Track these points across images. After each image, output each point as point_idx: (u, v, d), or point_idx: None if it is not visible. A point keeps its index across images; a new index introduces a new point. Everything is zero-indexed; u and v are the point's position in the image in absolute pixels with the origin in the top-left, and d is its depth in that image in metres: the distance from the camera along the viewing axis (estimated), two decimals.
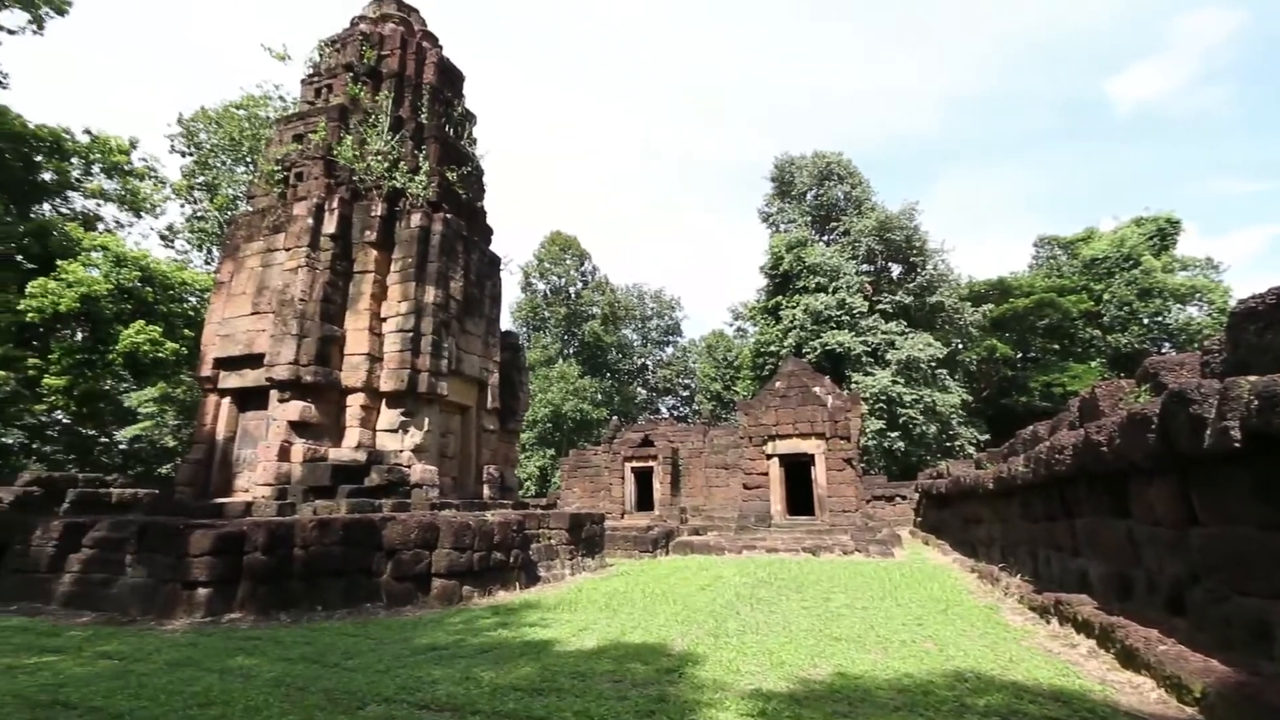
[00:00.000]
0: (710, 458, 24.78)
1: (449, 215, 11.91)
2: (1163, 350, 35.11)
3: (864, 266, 35.88)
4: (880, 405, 29.33)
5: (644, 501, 23.92)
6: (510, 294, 53.27)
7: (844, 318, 31.84)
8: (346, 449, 10.34)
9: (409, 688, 4.24)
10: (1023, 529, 8.64)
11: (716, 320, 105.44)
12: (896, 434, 29.37)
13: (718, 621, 6.57)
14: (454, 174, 12.72)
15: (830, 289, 32.61)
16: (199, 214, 29.58)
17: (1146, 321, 36.47)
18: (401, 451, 10.60)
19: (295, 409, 10.05)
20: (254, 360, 10.60)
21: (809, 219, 38.55)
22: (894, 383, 29.49)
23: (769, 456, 18.23)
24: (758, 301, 38.62)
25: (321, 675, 4.61)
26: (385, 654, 5.30)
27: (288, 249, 10.89)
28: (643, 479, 24.18)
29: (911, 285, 34.43)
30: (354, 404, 10.59)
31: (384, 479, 10.03)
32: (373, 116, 12.33)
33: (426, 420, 10.96)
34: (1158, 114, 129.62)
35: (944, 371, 32.10)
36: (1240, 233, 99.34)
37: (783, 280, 34.97)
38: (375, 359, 10.74)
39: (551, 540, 11.34)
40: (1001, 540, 10.00)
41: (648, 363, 54.99)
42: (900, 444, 29.38)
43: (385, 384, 10.65)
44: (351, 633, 6.24)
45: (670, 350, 55.84)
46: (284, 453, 9.85)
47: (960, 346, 35.57)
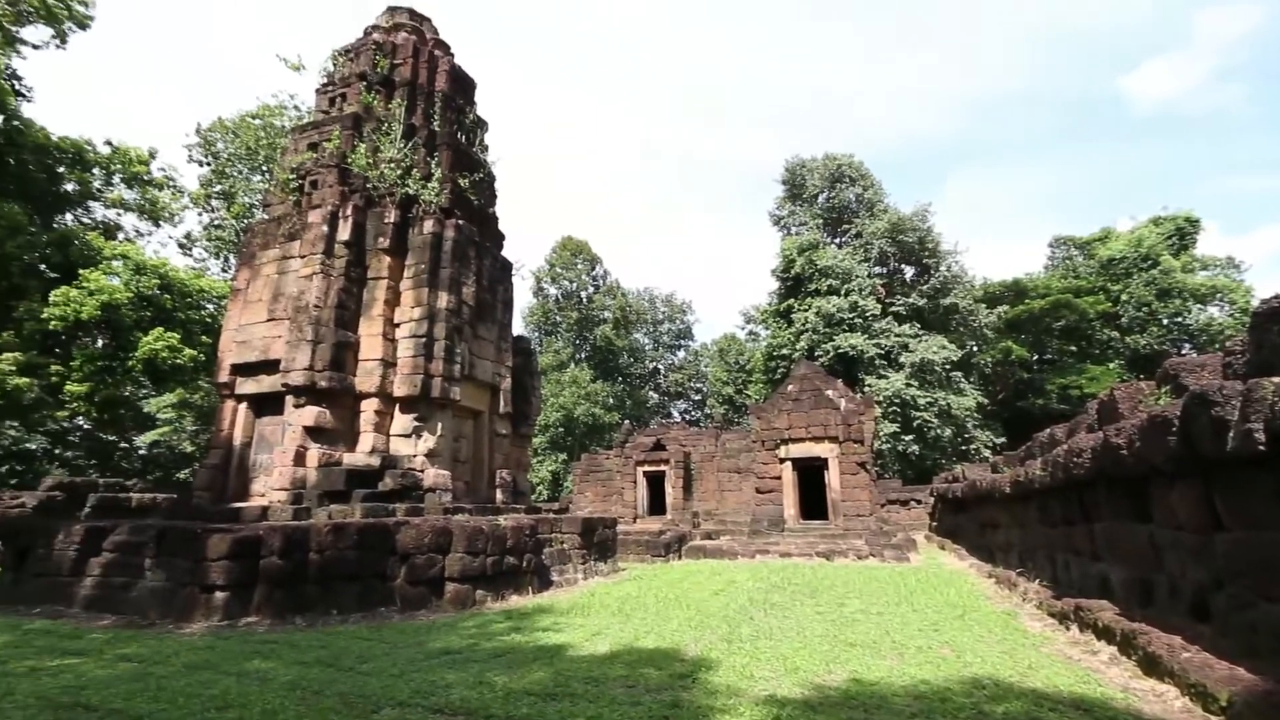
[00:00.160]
0: (722, 462, 24.68)
1: (461, 221, 11.99)
2: (1183, 351, 34.51)
3: (876, 269, 35.68)
4: (894, 408, 29.10)
5: (656, 506, 23.87)
6: (522, 299, 53.63)
7: (856, 320, 31.65)
8: (361, 454, 10.42)
9: (423, 692, 4.25)
10: (1040, 533, 8.52)
11: (726, 323, 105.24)
12: (911, 437, 29.11)
13: (731, 627, 6.54)
14: (466, 180, 12.81)
15: (842, 291, 32.44)
16: (216, 222, 30.02)
17: (1166, 322, 35.90)
18: (415, 456, 10.66)
19: (310, 414, 10.14)
20: (270, 366, 10.72)
21: (820, 222, 38.40)
22: (908, 385, 29.25)
23: (782, 460, 18.13)
24: (769, 304, 38.50)
25: (336, 679, 4.64)
26: (399, 658, 5.32)
27: (303, 256, 11.02)
28: (655, 483, 24.14)
29: (925, 287, 34.17)
30: (368, 409, 10.67)
31: (397, 483, 10.09)
32: (386, 124, 12.46)
33: (439, 425, 11.02)
34: (1175, 111, 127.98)
35: (959, 374, 31.80)
36: (1263, 231, 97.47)
37: (795, 283, 34.85)
38: (389, 364, 10.82)
39: (564, 545, 11.34)
40: (1019, 545, 9.87)
41: (659, 367, 54.96)
42: (915, 447, 29.12)
43: (399, 389, 10.72)
44: (366, 636, 6.28)
45: (682, 354, 55.81)
46: (299, 457, 9.94)
47: (975, 349, 35.23)
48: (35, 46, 23.17)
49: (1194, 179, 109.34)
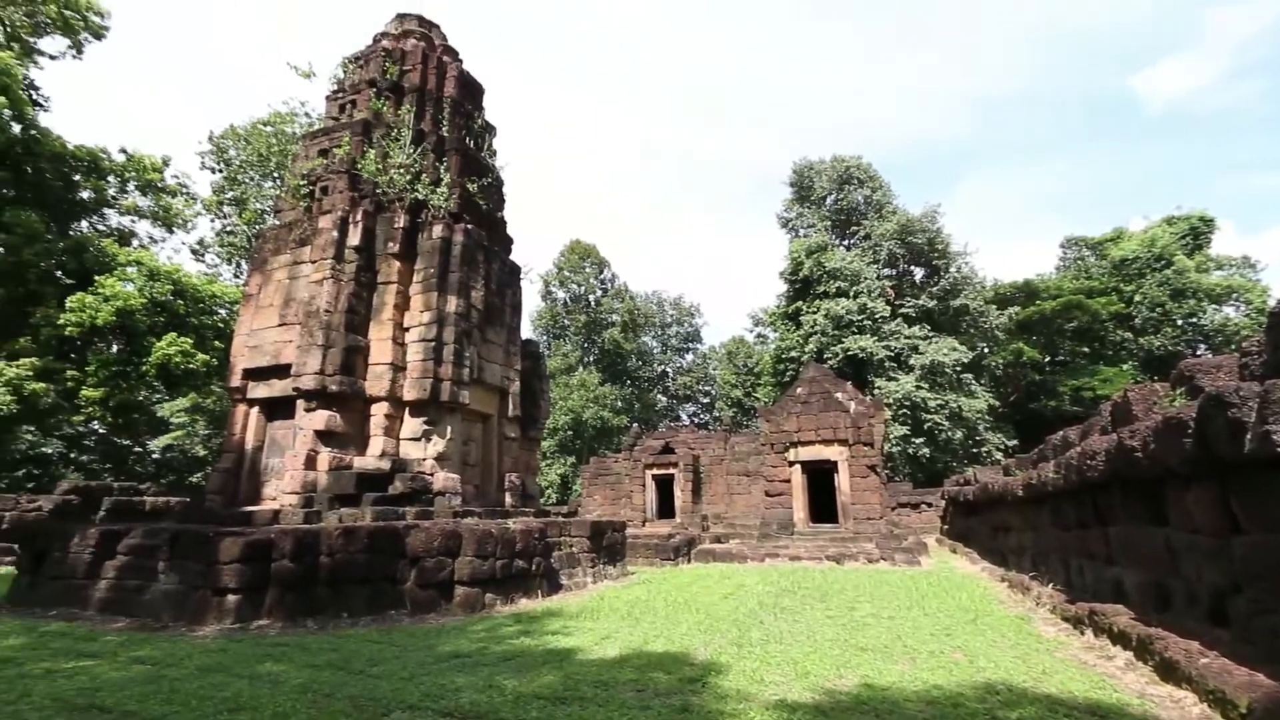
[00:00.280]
0: (731, 465, 24.61)
1: (470, 226, 12.05)
2: (1198, 353, 34.07)
3: (885, 270, 35.48)
4: (904, 411, 28.90)
5: (665, 509, 23.83)
6: (530, 302, 53.74)
7: (866, 322, 31.49)
8: (371, 457, 10.48)
9: (433, 695, 4.26)
10: (1054, 537, 8.42)
11: (732, 326, 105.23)
12: (921, 440, 28.90)
13: (741, 630, 6.51)
14: (474, 185, 12.89)
15: (851, 293, 32.29)
16: (228, 228, 30.37)
17: (1180, 323, 35.47)
18: (424, 460, 10.71)
19: (321, 418, 10.21)
20: (281, 371, 10.81)
21: (829, 224, 38.26)
22: (918, 388, 29.05)
23: (791, 463, 18.05)
24: (778, 307, 38.39)
25: (347, 682, 4.66)
26: (409, 661, 5.34)
27: (313, 261, 11.11)
28: (664, 486, 24.10)
29: (934, 289, 33.94)
30: (378, 413, 10.73)
31: (407, 487, 10.14)
32: (395, 130, 12.56)
33: (449, 428, 11.06)
34: (1188, 110, 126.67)
35: (969, 376, 31.54)
36: (1279, 229, 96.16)
37: (803, 285, 34.73)
38: (398, 368, 10.88)
39: (573, 548, 11.34)
40: (1032, 548, 9.76)
41: (668, 370, 54.92)
42: (925, 450, 28.90)
43: (408, 393, 10.78)
44: (376, 640, 6.30)
45: (690, 357, 55.74)
46: (310, 461, 10.01)
47: (986, 350, 34.91)
48: (52, 57, 23.62)
49: (1208, 178, 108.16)
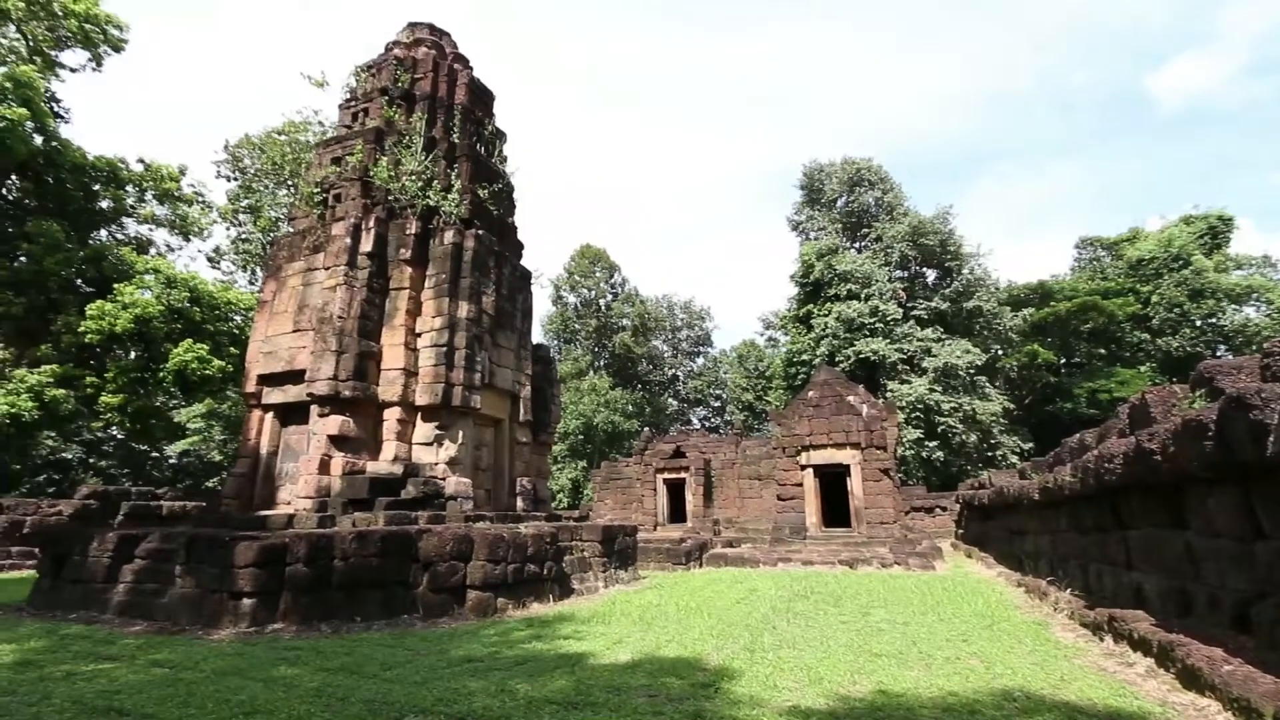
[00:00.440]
0: (743, 469, 24.51)
1: (481, 231, 12.13)
2: (1217, 354, 33.51)
3: (897, 273, 35.28)
4: (917, 414, 28.66)
5: (676, 513, 23.77)
6: (541, 307, 53.93)
7: (878, 325, 31.30)
8: (384, 462, 10.55)
9: (446, 699, 4.27)
10: (1071, 541, 8.30)
11: (743, 329, 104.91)
12: (935, 443, 28.64)
13: (753, 636, 6.47)
14: (485, 191, 12.98)
15: (863, 296, 32.12)
16: (244, 236, 30.74)
17: (1199, 324, 34.91)
18: (436, 464, 10.76)
19: (334, 423, 10.30)
20: (295, 376, 10.92)
21: (839, 226, 38.14)
22: (931, 391, 28.81)
23: (803, 467, 17.94)
24: (789, 310, 38.30)
25: (361, 686, 4.68)
26: (422, 665, 5.35)
27: (327, 268, 11.23)
28: (675, 491, 24.05)
29: (947, 290, 33.69)
30: (390, 418, 10.81)
31: (420, 491, 10.19)
32: (407, 138, 12.68)
33: (460, 433, 11.11)
34: (1206, 107, 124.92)
35: (983, 378, 31.24)
36: None
37: (814, 288, 34.61)
38: (411, 373, 10.96)
39: (584, 552, 11.34)
40: (1049, 553, 9.63)
41: (678, 374, 54.88)
42: (939, 454, 28.64)
43: (420, 398, 10.84)
44: (389, 644, 6.33)
45: (701, 361, 55.67)
46: (324, 466, 10.09)
47: (1000, 352, 34.60)
48: (73, 70, 24.07)
49: (1228, 176, 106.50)
